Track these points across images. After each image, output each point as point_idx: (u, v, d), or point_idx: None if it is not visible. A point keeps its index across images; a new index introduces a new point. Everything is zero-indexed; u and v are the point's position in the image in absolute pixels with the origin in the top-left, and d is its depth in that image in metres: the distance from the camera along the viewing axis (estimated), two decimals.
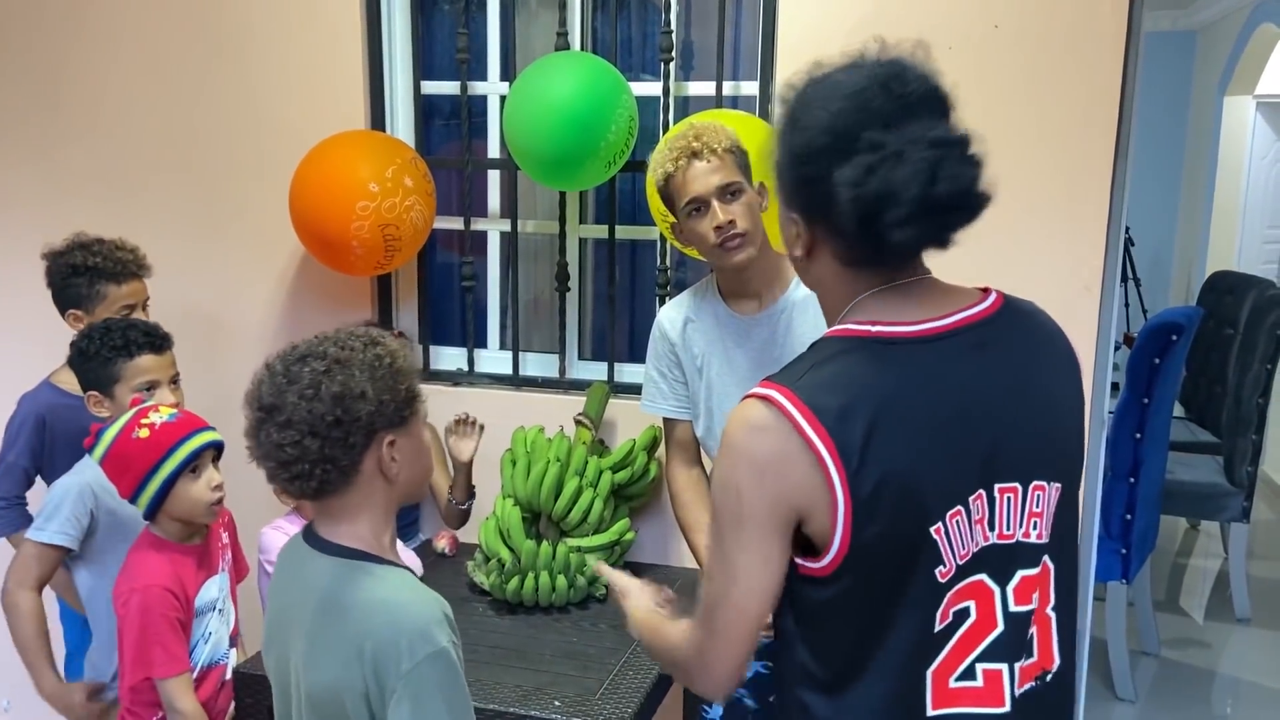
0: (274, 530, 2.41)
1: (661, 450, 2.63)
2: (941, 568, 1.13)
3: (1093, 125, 2.30)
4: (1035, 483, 1.18)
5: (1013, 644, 1.19)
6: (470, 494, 2.64)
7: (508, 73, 2.81)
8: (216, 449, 1.99)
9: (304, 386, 1.32)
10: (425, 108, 2.88)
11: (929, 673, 1.16)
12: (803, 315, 2.08)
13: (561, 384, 2.84)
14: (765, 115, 2.51)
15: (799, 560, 1.16)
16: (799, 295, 2.08)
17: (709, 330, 2.15)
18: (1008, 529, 1.17)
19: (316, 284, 2.90)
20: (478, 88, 2.84)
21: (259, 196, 2.90)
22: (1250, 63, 6.17)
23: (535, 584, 2.38)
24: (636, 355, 2.91)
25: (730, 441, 1.17)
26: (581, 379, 2.83)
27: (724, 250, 2.00)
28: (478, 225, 2.90)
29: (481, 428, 2.59)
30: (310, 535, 1.43)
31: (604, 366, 2.82)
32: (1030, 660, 1.22)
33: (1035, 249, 2.35)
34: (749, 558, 1.15)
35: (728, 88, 2.62)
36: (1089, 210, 2.34)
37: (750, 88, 2.63)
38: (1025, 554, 1.19)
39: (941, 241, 1.13)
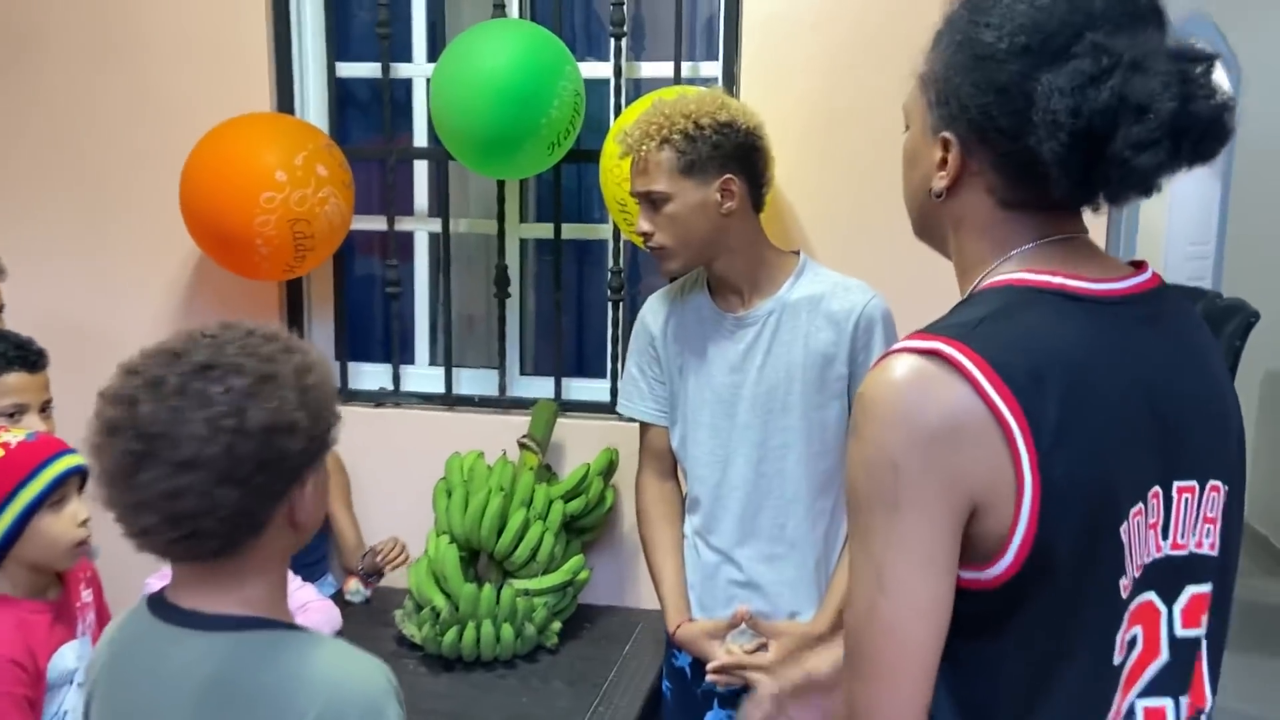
0: (161, 581, 2.03)
1: (618, 476, 2.32)
2: (1124, 579, 0.93)
3: None
4: (1212, 482, 0.99)
5: (1178, 675, 0.99)
6: (379, 575, 2.33)
7: (435, 53, 2.49)
8: (82, 476, 1.62)
9: (220, 413, 0.98)
10: (340, 92, 2.54)
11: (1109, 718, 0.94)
12: (792, 319, 1.83)
13: (502, 403, 2.51)
14: None
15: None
16: (792, 297, 1.84)
17: (692, 326, 1.92)
18: (1181, 536, 0.97)
19: (214, 291, 2.53)
20: (401, 69, 2.52)
21: (146, 189, 2.52)
22: None
23: (477, 635, 2.04)
24: (586, 369, 2.61)
25: (880, 404, 0.91)
26: (524, 397, 2.50)
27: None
28: (402, 225, 2.56)
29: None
30: (165, 607, 1.08)
31: (549, 382, 2.50)
32: (1194, 699, 1.02)
33: None
34: (908, 559, 0.89)
35: (686, 69, 2.34)
36: None
37: (712, 68, 2.36)
38: (1197, 567, 0.99)
39: (1154, 185, 0.92)
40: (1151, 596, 0.95)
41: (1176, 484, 0.96)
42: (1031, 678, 0.92)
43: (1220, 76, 0.91)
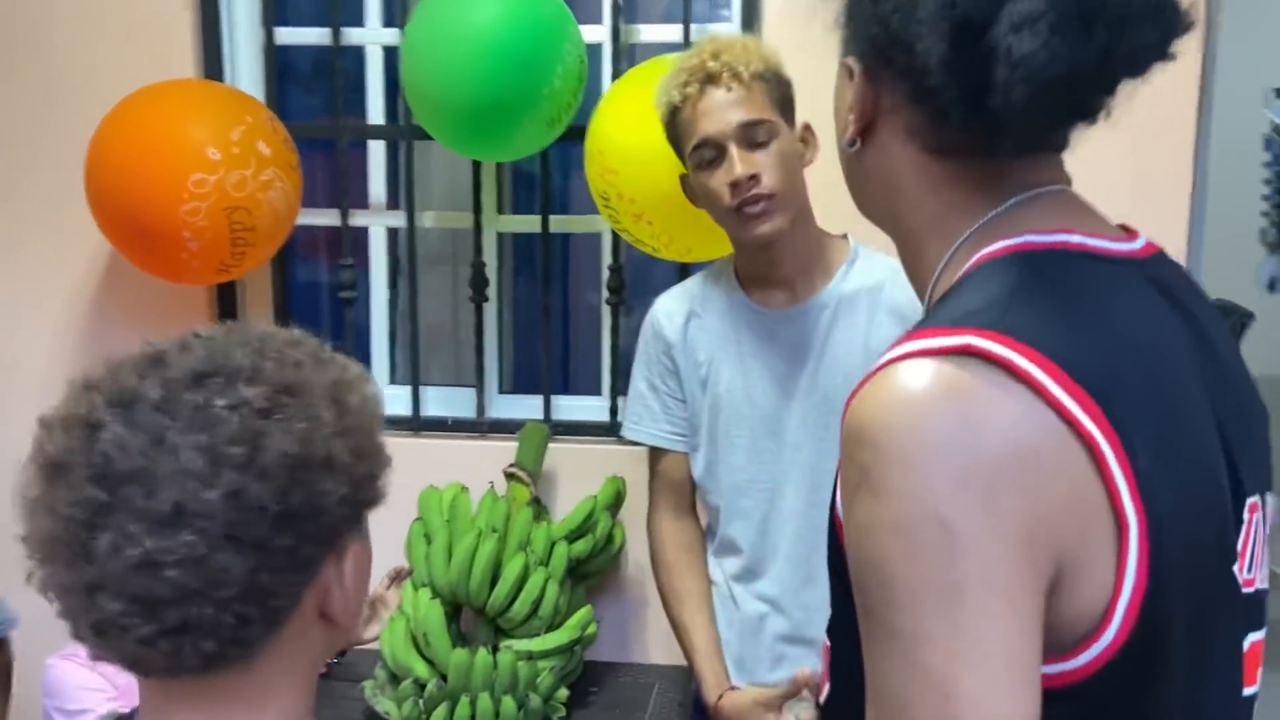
0: (67, 661, 1.63)
1: (625, 510, 1.97)
2: (1243, 639, 0.72)
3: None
4: (1268, 494, 0.77)
5: None
6: (341, 653, 1.93)
7: (393, 17, 2.12)
8: None
9: (224, 439, 0.65)
10: (279, 64, 2.14)
11: None
12: (849, 314, 1.54)
13: (479, 426, 2.14)
14: None
15: None
16: (848, 288, 1.55)
17: (718, 328, 1.60)
18: (1248, 570, 0.73)
19: (130, 298, 2.11)
20: (351, 34, 2.13)
21: (41, 175, 2.10)
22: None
23: (472, 712, 1.67)
24: (577, 385, 2.26)
25: (903, 438, 0.63)
26: (506, 418, 2.13)
27: (742, 217, 1.46)
28: (356, 219, 2.17)
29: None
30: None
31: (537, 401, 2.14)
32: None
33: None
34: (988, 664, 0.60)
35: (695, 32, 2.01)
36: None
37: (725, 30, 2.04)
38: (1258, 608, 0.76)
39: (1082, 100, 0.68)
40: (1239, 668, 0.74)
41: (1247, 500, 0.73)
42: None
43: None
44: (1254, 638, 0.75)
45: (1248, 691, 0.76)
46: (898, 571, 0.62)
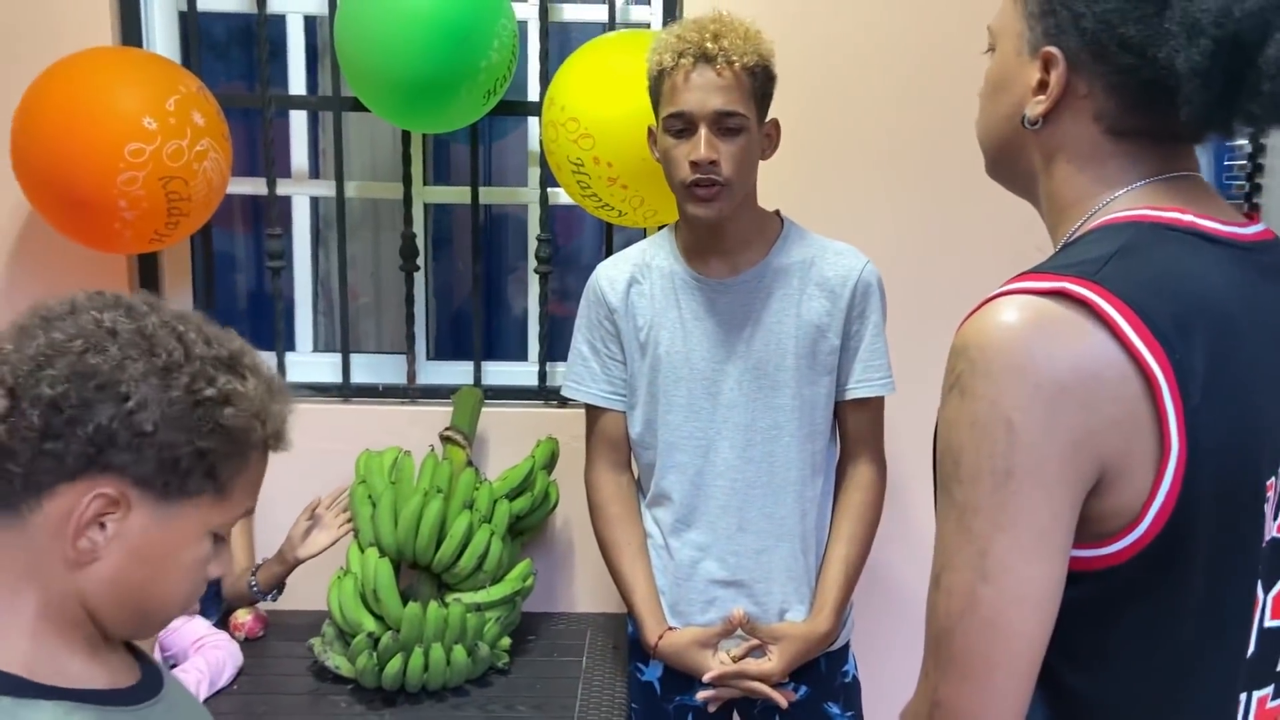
0: None
1: (560, 469, 2.07)
2: (1260, 562, 0.83)
3: None
4: None
5: (1258, 668, 0.88)
6: (279, 588, 1.96)
7: None
8: None
9: (81, 326, 0.80)
10: (192, 30, 2.12)
11: None
12: (783, 286, 1.66)
13: (411, 392, 2.19)
14: None
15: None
16: (781, 262, 1.67)
17: (660, 295, 1.69)
18: None
19: (44, 265, 2.06)
20: (274, 4, 2.13)
21: None
22: None
23: (425, 662, 1.75)
24: (504, 351, 2.34)
25: (994, 353, 0.77)
26: (437, 384, 2.20)
27: (692, 194, 1.57)
28: (282, 188, 2.18)
29: (350, 520, 1.93)
30: None
31: (465, 367, 2.21)
32: (1278, 702, 0.91)
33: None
34: (1018, 538, 0.76)
35: (620, 12, 2.10)
36: None
37: (643, 12, 2.14)
38: None
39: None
40: (1256, 584, 0.86)
41: None
42: (1157, 680, 0.81)
43: None
44: None
45: (1277, 623, 0.87)
46: (966, 456, 0.77)
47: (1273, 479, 0.82)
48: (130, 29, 2.05)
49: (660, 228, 1.78)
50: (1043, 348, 0.76)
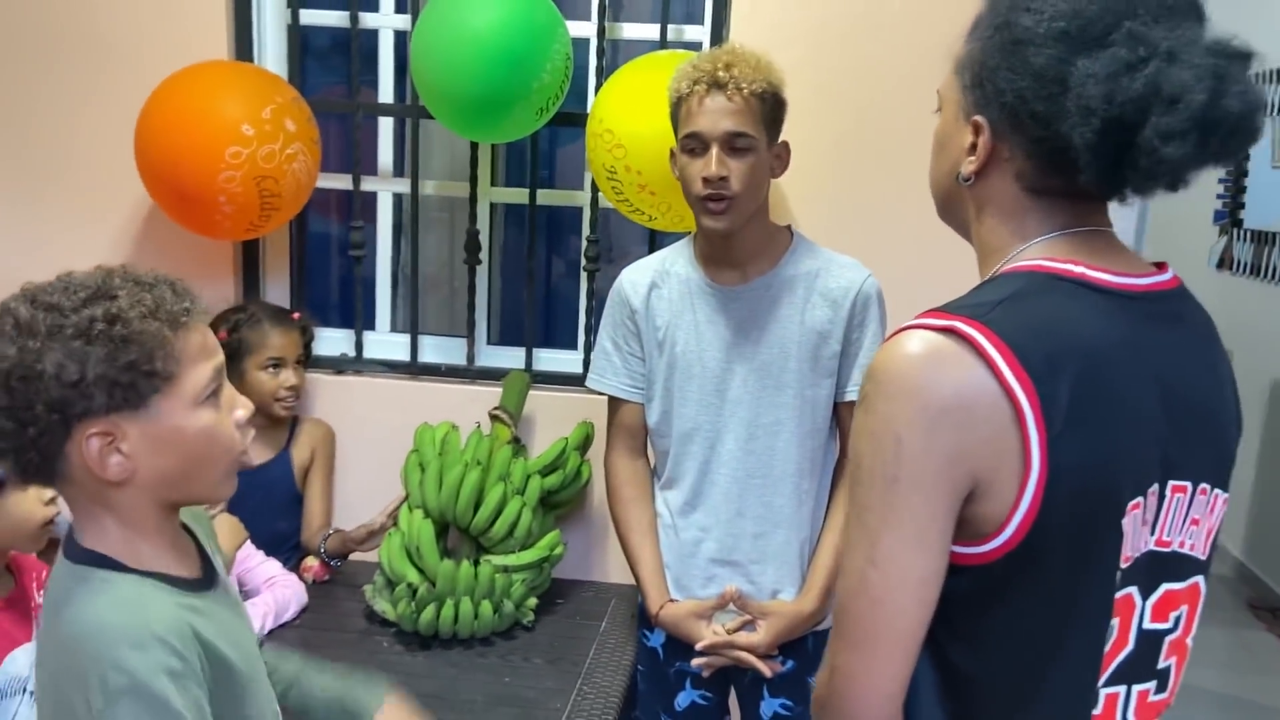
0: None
1: (593, 451, 2.28)
2: (1118, 571, 0.94)
3: None
4: (1203, 485, 1.00)
5: (1136, 665, 1.01)
6: (342, 559, 2.25)
7: (404, 4, 2.37)
8: None
9: None
10: (301, 41, 2.40)
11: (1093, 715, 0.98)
12: (789, 295, 1.81)
13: (469, 373, 2.43)
14: None
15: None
16: (789, 273, 1.82)
17: (677, 299, 1.86)
18: (1168, 534, 0.99)
19: (164, 248, 2.37)
20: (368, 19, 2.39)
21: (91, 138, 2.36)
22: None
23: (455, 613, 1.98)
24: (556, 340, 2.56)
25: (891, 377, 0.92)
26: (493, 367, 2.43)
27: (704, 207, 1.73)
28: (367, 185, 2.44)
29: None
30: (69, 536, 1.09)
31: (520, 353, 2.44)
32: (1161, 696, 1.03)
33: None
34: (901, 533, 0.91)
35: (671, 31, 2.28)
36: None
37: (697, 32, 2.30)
38: (1176, 566, 1.01)
39: (1182, 180, 0.90)
40: (1133, 590, 0.97)
41: (1171, 482, 0.97)
42: (1022, 662, 0.94)
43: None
44: (1169, 586, 1.00)
45: (1157, 627, 1.00)
46: (865, 462, 0.92)
47: (1139, 499, 0.94)
48: (243, 42, 2.33)
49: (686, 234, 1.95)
50: (930, 376, 0.90)
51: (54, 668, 1.03)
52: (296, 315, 2.31)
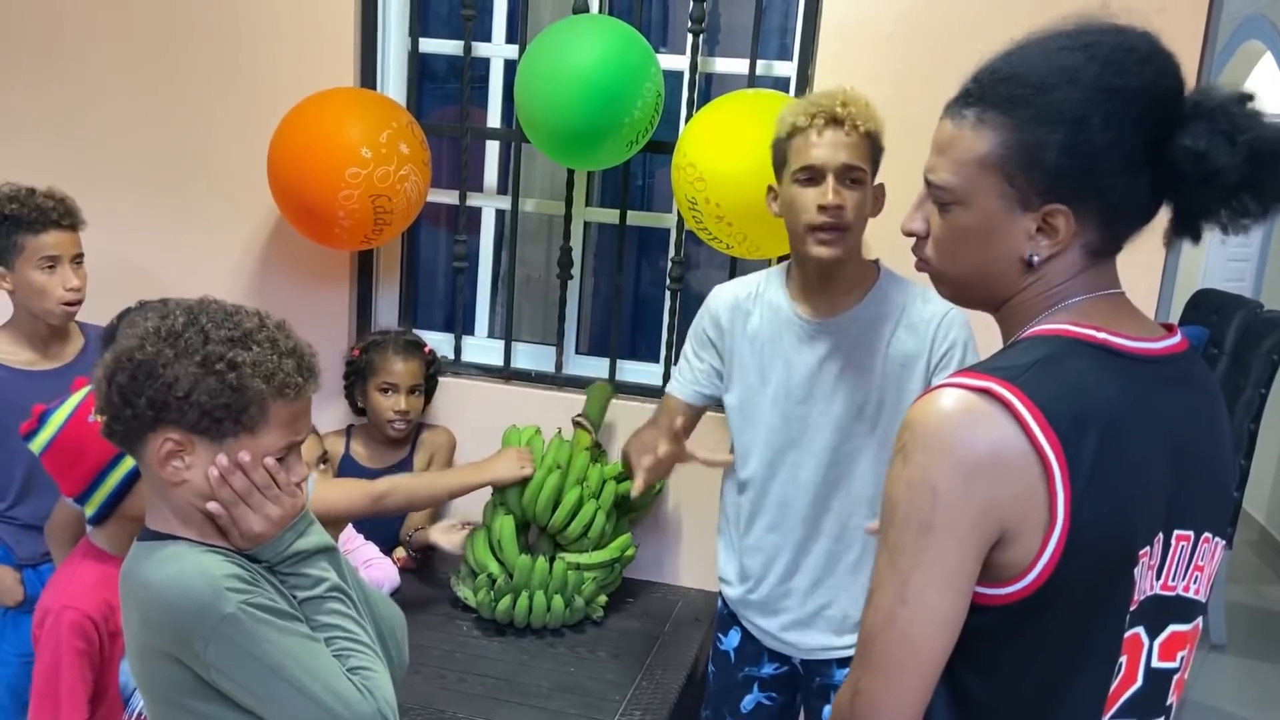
0: None
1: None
2: (1127, 614, 1.02)
3: None
4: (1205, 534, 1.08)
5: (1147, 704, 1.07)
6: (421, 554, 2.43)
7: (514, 34, 2.55)
8: None
9: (139, 332, 1.20)
10: (419, 67, 2.60)
11: None
12: (874, 329, 1.85)
13: (557, 380, 2.60)
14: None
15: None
16: (874, 308, 1.86)
17: (766, 324, 1.91)
18: (1173, 579, 1.06)
19: (289, 254, 2.62)
20: (480, 49, 2.58)
21: (227, 153, 2.62)
22: (1231, 78, 6.12)
23: (529, 604, 2.15)
24: (640, 353, 2.70)
25: (930, 431, 0.98)
26: (579, 375, 2.59)
27: (815, 236, 1.77)
28: (473, 201, 2.64)
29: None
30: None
31: (604, 363, 2.59)
32: None
33: None
34: (929, 575, 0.98)
35: (760, 67, 2.39)
36: None
37: (785, 68, 2.42)
38: (1181, 608, 1.08)
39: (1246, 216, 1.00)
40: (1140, 630, 1.04)
41: (1176, 532, 1.04)
42: (1033, 693, 1.02)
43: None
44: (1175, 628, 1.06)
45: (1165, 665, 1.07)
46: (900, 508, 0.98)
47: (1147, 548, 1.02)
48: (368, 68, 2.54)
49: (780, 259, 2.03)
50: (966, 432, 0.96)
51: (143, 638, 1.21)
52: (428, 349, 2.49)
